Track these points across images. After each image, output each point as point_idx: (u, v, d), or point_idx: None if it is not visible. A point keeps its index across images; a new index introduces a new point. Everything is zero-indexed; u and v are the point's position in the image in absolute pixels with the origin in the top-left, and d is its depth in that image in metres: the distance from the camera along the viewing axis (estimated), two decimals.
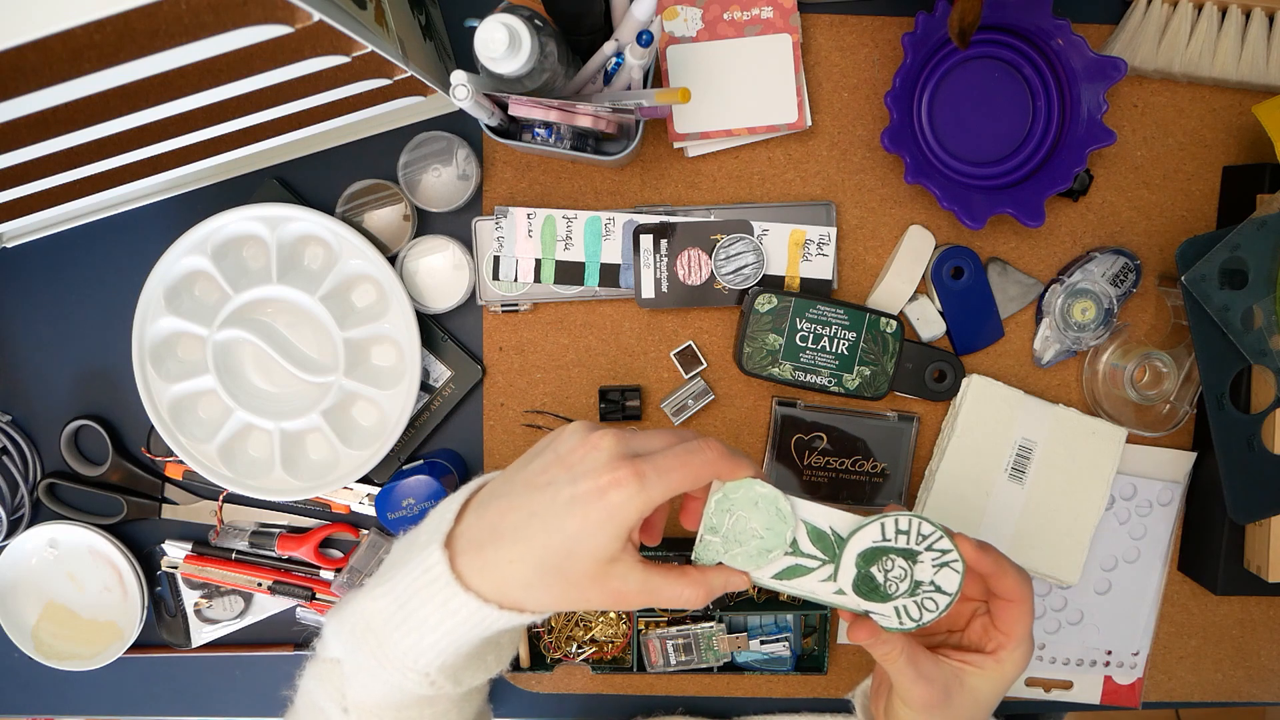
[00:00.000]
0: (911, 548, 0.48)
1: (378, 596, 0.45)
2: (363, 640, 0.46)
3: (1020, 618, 0.50)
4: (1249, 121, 0.67)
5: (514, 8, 0.52)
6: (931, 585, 0.49)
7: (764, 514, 0.47)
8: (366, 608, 0.46)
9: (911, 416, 0.68)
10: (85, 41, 0.40)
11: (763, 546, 0.47)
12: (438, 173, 0.67)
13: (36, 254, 0.70)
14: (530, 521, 0.43)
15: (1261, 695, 0.74)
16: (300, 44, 0.46)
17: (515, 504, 0.44)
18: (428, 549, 0.45)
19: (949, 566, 0.49)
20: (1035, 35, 0.62)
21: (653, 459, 0.43)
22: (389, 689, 0.47)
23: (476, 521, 0.45)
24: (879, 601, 0.49)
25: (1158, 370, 0.66)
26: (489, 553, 0.44)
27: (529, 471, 0.45)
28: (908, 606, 0.49)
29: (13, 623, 0.72)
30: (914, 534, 0.48)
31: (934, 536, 0.48)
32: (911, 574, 0.49)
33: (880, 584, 0.49)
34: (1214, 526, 0.68)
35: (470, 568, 0.44)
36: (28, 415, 0.72)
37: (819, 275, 0.67)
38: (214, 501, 0.72)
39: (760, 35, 0.65)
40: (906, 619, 0.49)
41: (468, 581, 0.44)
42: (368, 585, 0.47)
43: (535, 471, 0.45)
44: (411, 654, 0.45)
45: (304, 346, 0.68)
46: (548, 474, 0.44)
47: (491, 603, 0.43)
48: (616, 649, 0.71)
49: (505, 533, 0.43)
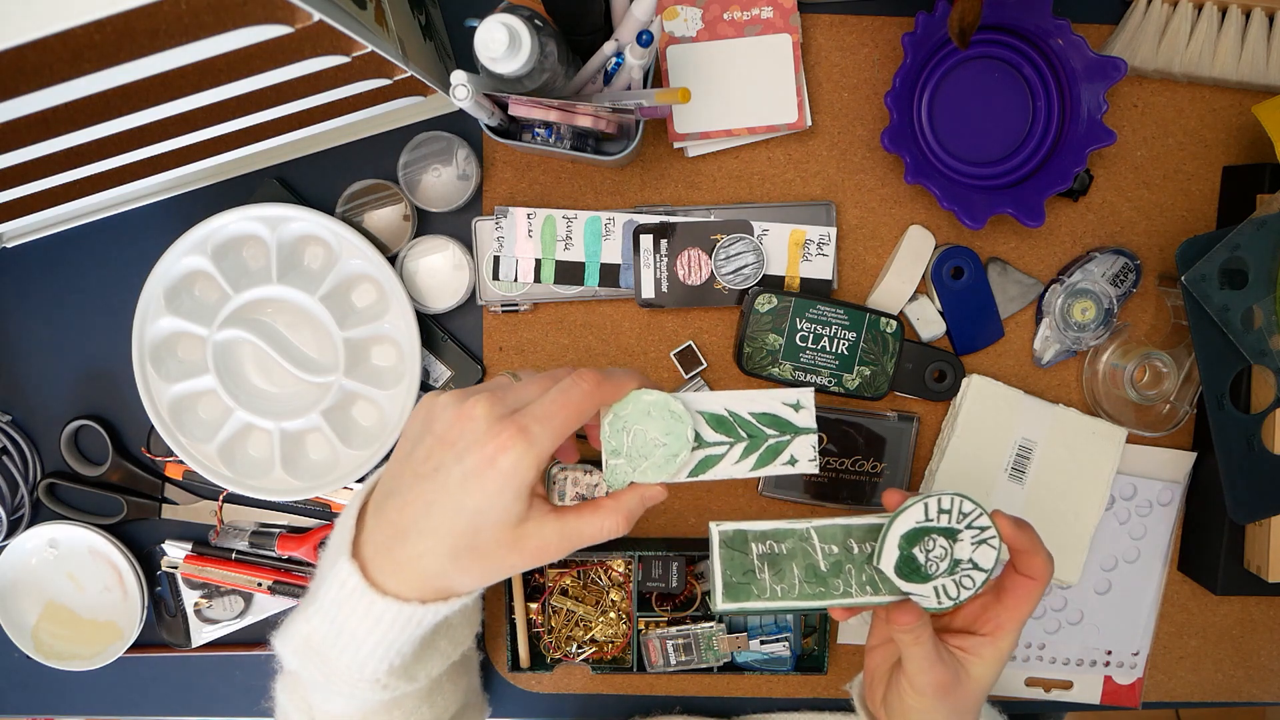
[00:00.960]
0: (953, 526, 0.49)
1: (310, 616, 0.45)
2: (308, 659, 0.45)
3: (1030, 597, 0.50)
4: (1249, 121, 0.67)
5: (514, 8, 0.52)
6: (970, 563, 0.49)
7: (659, 420, 0.47)
8: (302, 628, 0.45)
9: (911, 416, 0.68)
10: (85, 41, 0.40)
11: (668, 453, 0.47)
12: (438, 173, 0.67)
13: (36, 254, 0.70)
14: (430, 511, 0.42)
15: (1261, 695, 0.74)
16: (300, 44, 0.46)
17: (410, 498, 0.43)
18: (338, 563, 0.44)
19: (987, 543, 0.49)
20: (1035, 35, 0.62)
21: (531, 411, 0.42)
22: (347, 700, 0.46)
23: (377, 524, 0.44)
24: (920, 582, 0.49)
25: (1158, 370, 0.66)
26: (398, 552, 0.43)
27: (414, 460, 0.43)
28: (946, 586, 0.49)
29: (13, 623, 0.72)
30: (955, 512, 0.49)
31: (974, 514, 0.49)
32: (952, 553, 0.49)
33: (921, 565, 0.49)
34: (1214, 526, 0.68)
35: (383, 571, 0.43)
36: (28, 415, 0.72)
37: (819, 275, 0.67)
38: (214, 501, 0.72)
39: (760, 35, 0.65)
40: (945, 598, 0.49)
41: (384, 586, 0.43)
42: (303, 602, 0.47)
43: (420, 459, 0.43)
44: (354, 666, 0.44)
45: (304, 346, 0.68)
46: (433, 459, 0.42)
47: (413, 600, 0.43)
48: (616, 649, 0.71)
49: (408, 529, 0.42)
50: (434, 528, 0.42)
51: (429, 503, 0.42)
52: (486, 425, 0.41)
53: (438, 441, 0.43)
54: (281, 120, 0.56)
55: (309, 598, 0.46)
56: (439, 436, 0.43)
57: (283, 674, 0.50)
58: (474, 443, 0.41)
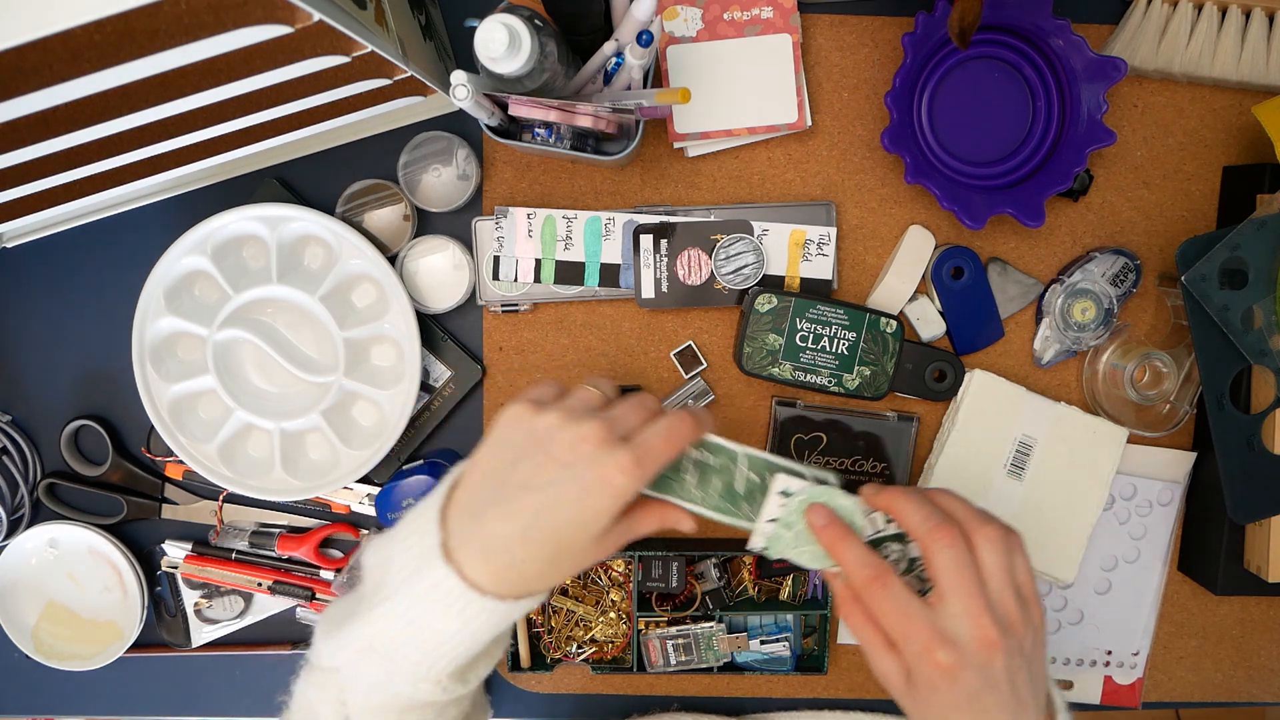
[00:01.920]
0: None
1: (377, 619, 0.46)
2: (367, 660, 0.46)
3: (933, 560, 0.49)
4: (1249, 121, 0.67)
5: (514, 8, 0.52)
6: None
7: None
8: (364, 631, 0.46)
9: (911, 416, 0.68)
10: (85, 41, 0.40)
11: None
12: (438, 173, 0.67)
13: (36, 254, 0.70)
14: (538, 521, 0.44)
15: (1261, 695, 0.74)
16: (300, 44, 0.46)
17: (516, 507, 0.45)
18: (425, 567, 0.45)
19: None
20: (1035, 35, 0.62)
21: (643, 443, 0.46)
22: (394, 696, 0.47)
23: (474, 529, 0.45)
24: None
25: (1158, 370, 0.66)
26: (502, 557, 0.45)
27: (522, 473, 0.45)
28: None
29: (13, 623, 0.72)
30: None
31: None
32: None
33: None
34: (1214, 526, 0.68)
35: (483, 574, 0.45)
36: (28, 415, 0.72)
37: (819, 275, 0.67)
38: (214, 501, 0.72)
39: (760, 35, 0.65)
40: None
41: (485, 586, 0.45)
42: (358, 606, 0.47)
43: (529, 472, 0.45)
44: (423, 665, 0.46)
45: (304, 346, 0.68)
46: (544, 473, 0.45)
47: (507, 598, 0.45)
48: (616, 649, 0.71)
49: (514, 536, 0.45)
50: (543, 536, 0.45)
51: (539, 512, 0.45)
52: (607, 449, 0.45)
53: (549, 459, 0.45)
54: (281, 120, 0.56)
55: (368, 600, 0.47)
56: (551, 454, 0.45)
57: (311, 669, 0.50)
58: (592, 463, 0.44)
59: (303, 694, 0.50)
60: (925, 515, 0.49)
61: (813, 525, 0.51)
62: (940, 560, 0.48)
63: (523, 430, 0.47)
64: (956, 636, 0.47)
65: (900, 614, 0.48)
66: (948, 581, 0.48)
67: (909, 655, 0.48)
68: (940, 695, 0.48)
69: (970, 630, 0.47)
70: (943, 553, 0.48)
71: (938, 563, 0.48)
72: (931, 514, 0.49)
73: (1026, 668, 0.49)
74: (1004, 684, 0.48)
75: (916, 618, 0.48)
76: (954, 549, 0.48)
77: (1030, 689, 0.49)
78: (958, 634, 0.47)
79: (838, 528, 0.51)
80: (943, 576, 0.48)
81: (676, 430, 0.47)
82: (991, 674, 0.47)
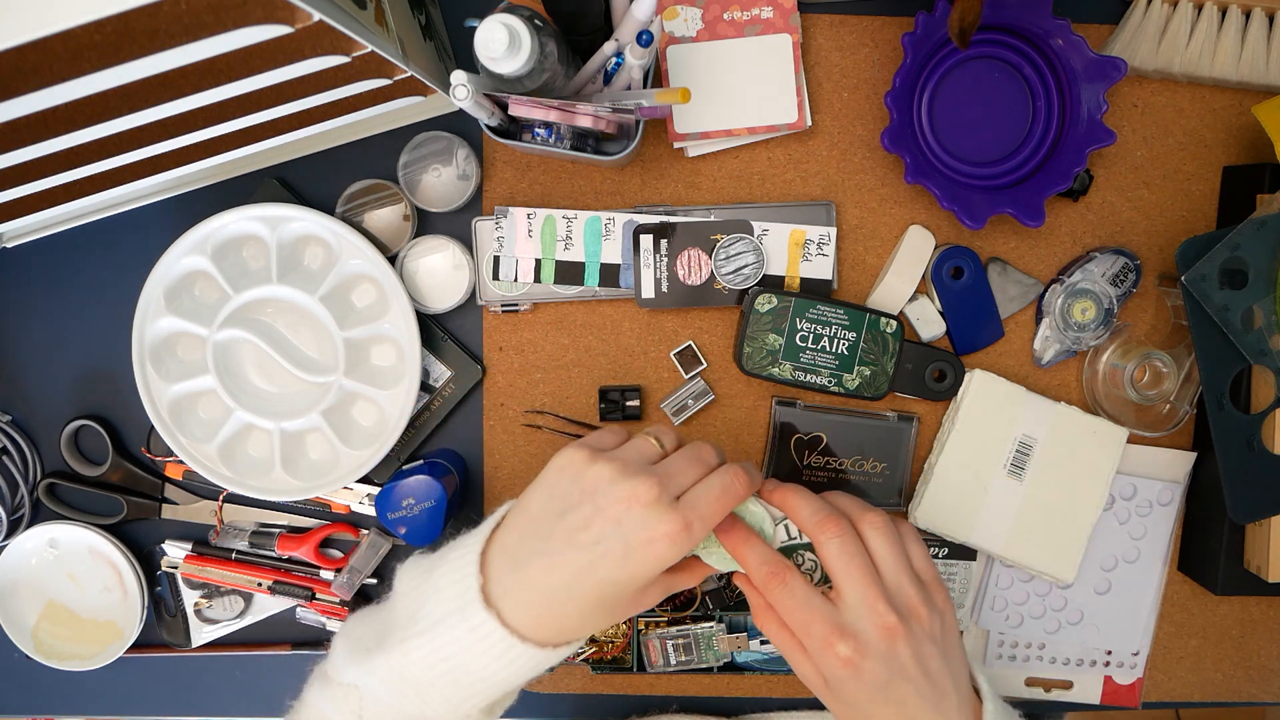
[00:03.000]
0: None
1: (411, 650, 0.46)
2: (398, 688, 0.47)
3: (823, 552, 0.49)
4: (1249, 121, 0.67)
5: (514, 8, 0.52)
6: None
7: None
8: (399, 660, 0.46)
9: (911, 417, 0.68)
10: (85, 41, 0.40)
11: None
12: (438, 173, 0.67)
13: (36, 254, 0.70)
14: (581, 579, 0.45)
15: (1261, 695, 0.74)
16: (300, 44, 0.46)
17: (560, 561, 0.45)
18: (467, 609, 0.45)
19: None
20: (1035, 35, 0.62)
21: (696, 507, 0.45)
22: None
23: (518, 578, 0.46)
24: None
25: (1158, 370, 0.66)
26: (543, 610, 0.45)
27: (569, 525, 0.45)
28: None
29: (13, 623, 0.72)
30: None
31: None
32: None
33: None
34: (1214, 526, 0.68)
35: (524, 623, 0.45)
36: (28, 415, 0.72)
37: (819, 275, 0.67)
38: (214, 501, 0.72)
39: (760, 35, 0.65)
40: None
41: (523, 634, 0.45)
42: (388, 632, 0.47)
43: (576, 526, 0.45)
44: (455, 699, 0.46)
45: (304, 346, 0.68)
46: (592, 529, 0.45)
47: (546, 646, 0.46)
48: (616, 649, 0.71)
49: (558, 592, 0.45)
50: (584, 594, 0.45)
51: (582, 570, 0.45)
52: (657, 514, 0.44)
53: (598, 513, 0.45)
54: (281, 120, 0.56)
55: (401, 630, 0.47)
56: (600, 509, 0.45)
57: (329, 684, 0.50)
58: (641, 526, 0.44)
59: (315, 706, 0.50)
60: (814, 509, 0.49)
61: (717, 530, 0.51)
62: (829, 550, 0.48)
63: (574, 478, 0.46)
64: (856, 627, 0.47)
65: (800, 609, 0.48)
66: (839, 571, 0.48)
67: (812, 652, 0.48)
68: (850, 688, 0.47)
69: (869, 619, 0.47)
70: (830, 542, 0.48)
71: (828, 553, 0.48)
72: (820, 507, 0.49)
73: (940, 654, 0.48)
74: (914, 671, 0.47)
75: (815, 611, 0.47)
76: (842, 537, 0.48)
77: (948, 675, 0.48)
78: (857, 625, 0.47)
79: (740, 531, 0.50)
80: (834, 566, 0.48)
81: (731, 491, 0.47)
82: (898, 662, 0.46)
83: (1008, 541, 0.67)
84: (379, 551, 0.70)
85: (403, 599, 0.49)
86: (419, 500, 0.66)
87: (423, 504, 0.66)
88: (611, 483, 0.45)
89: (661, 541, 0.44)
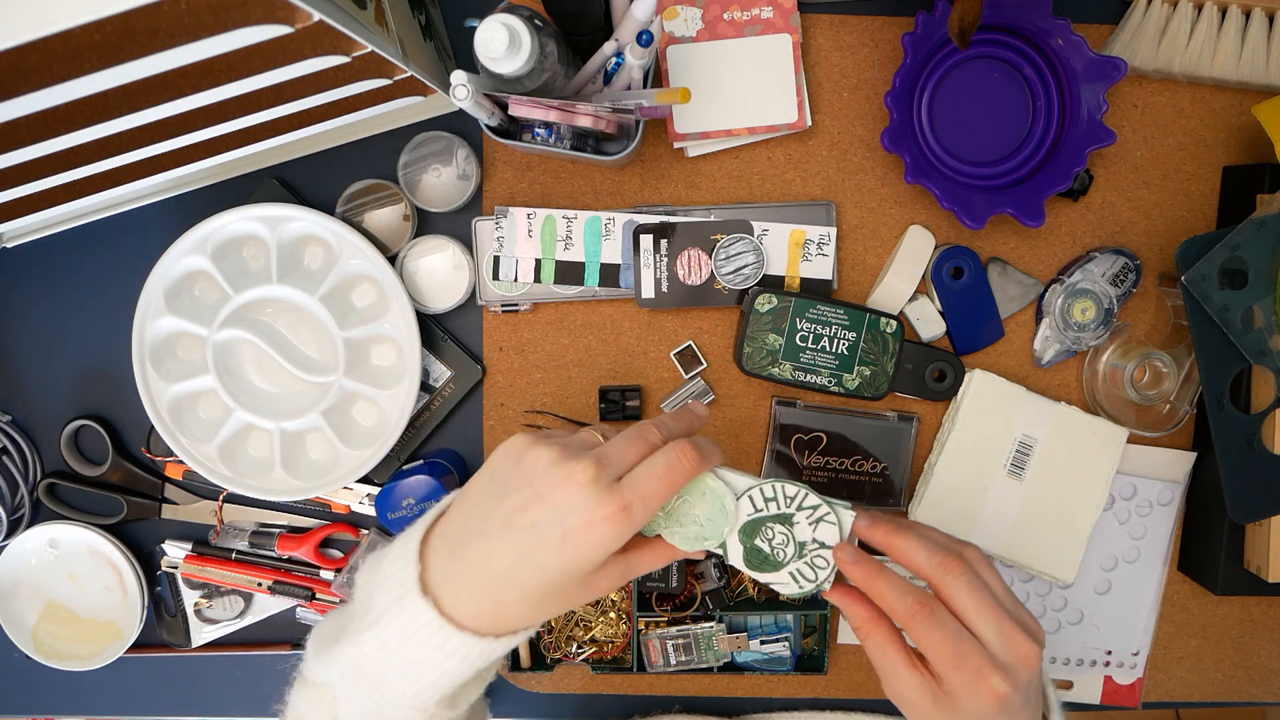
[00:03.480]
0: (784, 511, 0.50)
1: (363, 643, 0.45)
2: (356, 684, 0.46)
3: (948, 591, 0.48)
4: (1249, 121, 0.67)
5: (514, 8, 0.52)
6: (815, 543, 0.50)
7: (709, 505, 0.49)
8: (353, 653, 0.45)
9: (911, 416, 0.68)
10: (85, 41, 0.40)
11: (700, 534, 0.49)
12: (438, 173, 0.67)
13: (36, 254, 0.70)
14: (520, 564, 0.43)
15: (1261, 695, 0.74)
16: (300, 44, 0.46)
17: (499, 546, 0.44)
18: (406, 598, 0.44)
19: (824, 521, 0.50)
20: (1035, 35, 0.62)
21: (636, 487, 0.44)
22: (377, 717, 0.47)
23: (458, 566, 0.45)
24: (772, 571, 0.50)
25: (1158, 370, 0.66)
26: (482, 597, 0.44)
27: (506, 509, 0.44)
28: (801, 570, 0.50)
29: (13, 623, 0.72)
30: (780, 498, 0.50)
31: (800, 495, 0.50)
32: (793, 536, 0.50)
33: (769, 554, 0.50)
34: (1214, 526, 0.68)
35: (461, 610, 0.44)
36: (28, 415, 0.72)
37: (819, 275, 0.67)
38: (214, 501, 0.72)
39: (760, 35, 0.65)
40: (804, 581, 0.50)
41: (461, 623, 0.44)
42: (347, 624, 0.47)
43: (514, 509, 0.44)
44: (409, 694, 0.45)
45: (304, 346, 0.68)
46: (529, 513, 0.43)
47: (489, 636, 0.44)
48: (616, 649, 0.71)
49: (497, 578, 0.44)
50: (524, 580, 0.44)
51: (520, 556, 0.43)
52: (594, 494, 0.43)
53: (536, 496, 0.43)
54: (281, 120, 0.56)
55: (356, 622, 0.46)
56: (538, 492, 0.43)
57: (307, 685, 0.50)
58: (578, 508, 0.43)
59: (295, 707, 0.50)
60: (930, 551, 0.49)
61: (842, 563, 0.50)
62: (957, 589, 0.48)
63: (514, 461, 0.45)
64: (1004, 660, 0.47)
65: (953, 642, 0.47)
66: (972, 608, 0.47)
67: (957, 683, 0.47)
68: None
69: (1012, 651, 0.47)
70: (958, 581, 0.48)
71: (956, 593, 0.48)
72: (936, 549, 0.49)
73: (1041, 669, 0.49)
74: (1033, 698, 0.48)
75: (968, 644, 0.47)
76: (967, 575, 0.48)
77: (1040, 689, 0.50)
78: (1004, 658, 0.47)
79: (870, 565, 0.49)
80: (965, 603, 0.48)
81: (677, 468, 0.45)
82: (1030, 691, 0.48)
83: (1008, 541, 0.67)
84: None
85: (359, 590, 0.48)
86: (419, 500, 0.66)
87: (423, 504, 0.66)
88: (549, 465, 0.44)
89: (601, 525, 0.42)
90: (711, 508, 0.49)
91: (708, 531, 0.49)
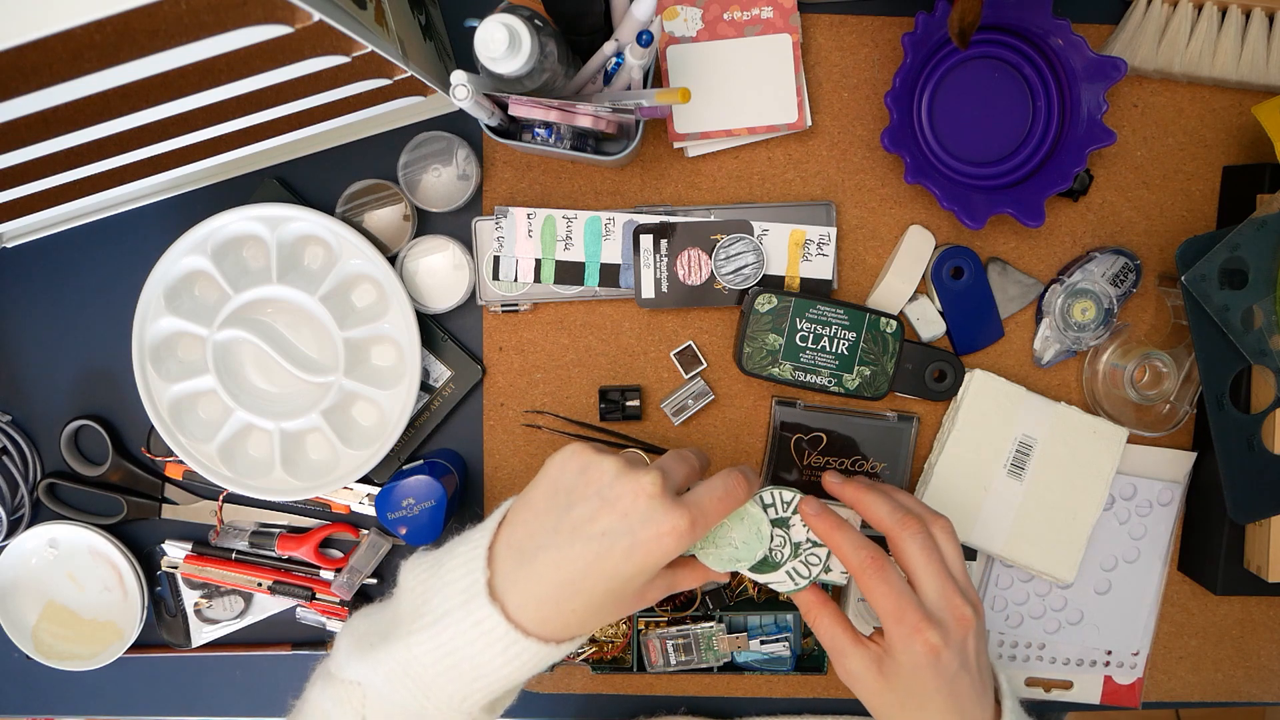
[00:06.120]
0: (782, 515, 0.54)
1: (415, 644, 0.46)
2: (400, 683, 0.47)
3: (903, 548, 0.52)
4: (1249, 121, 0.67)
5: (514, 8, 0.52)
6: (809, 543, 0.54)
7: (746, 529, 0.53)
8: (402, 654, 0.46)
9: (911, 417, 0.68)
10: (85, 41, 0.40)
11: (734, 555, 0.53)
12: (438, 173, 0.67)
13: (36, 254, 0.70)
14: (589, 572, 0.45)
15: (1261, 695, 0.74)
16: (300, 44, 0.46)
17: (570, 554, 0.45)
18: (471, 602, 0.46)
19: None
20: (1035, 35, 0.62)
21: (700, 504, 0.47)
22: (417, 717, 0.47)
23: (525, 573, 0.46)
24: (771, 571, 0.54)
25: (1158, 370, 0.66)
26: (549, 604, 0.46)
27: (575, 518, 0.46)
28: (796, 568, 0.54)
29: (13, 623, 0.72)
30: (778, 503, 0.54)
31: (795, 500, 0.54)
32: (789, 538, 0.54)
33: (769, 556, 0.54)
34: (1214, 526, 0.68)
35: (527, 616, 0.46)
36: (28, 415, 0.72)
37: (819, 275, 0.67)
38: (214, 501, 0.72)
39: (760, 35, 0.65)
40: (799, 579, 0.54)
41: (528, 629, 0.45)
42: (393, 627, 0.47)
43: (583, 519, 0.45)
44: (458, 696, 0.46)
45: (304, 346, 0.68)
46: (599, 521, 0.45)
47: (551, 642, 0.46)
48: (616, 649, 0.71)
49: (565, 586, 0.45)
50: (590, 588, 0.45)
51: (589, 564, 0.45)
52: (662, 506, 0.45)
53: (605, 505, 0.45)
54: (281, 120, 0.56)
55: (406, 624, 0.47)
56: (607, 501, 0.45)
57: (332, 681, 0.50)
58: (647, 520, 0.45)
59: (318, 704, 0.50)
60: (892, 508, 0.52)
61: (805, 515, 0.53)
62: (911, 546, 0.51)
63: (577, 472, 0.47)
64: (939, 617, 0.49)
65: (896, 596, 0.50)
66: (919, 565, 0.51)
67: (895, 636, 0.49)
68: (921, 677, 0.49)
69: (949, 610, 0.50)
70: (912, 539, 0.51)
71: (908, 548, 0.51)
72: (897, 507, 0.52)
73: (984, 650, 0.52)
74: (973, 664, 0.50)
75: (908, 599, 0.50)
76: (922, 535, 0.51)
77: (989, 670, 0.52)
78: (940, 615, 0.50)
79: (830, 517, 0.53)
80: (914, 561, 0.51)
81: (733, 494, 0.49)
82: (966, 654, 0.50)
83: (1008, 541, 0.67)
84: (379, 551, 0.70)
85: (408, 594, 0.49)
86: (419, 500, 0.66)
87: (423, 504, 0.66)
88: (617, 476, 0.46)
89: (668, 536, 0.44)
90: (748, 532, 0.53)
91: (742, 554, 0.53)
